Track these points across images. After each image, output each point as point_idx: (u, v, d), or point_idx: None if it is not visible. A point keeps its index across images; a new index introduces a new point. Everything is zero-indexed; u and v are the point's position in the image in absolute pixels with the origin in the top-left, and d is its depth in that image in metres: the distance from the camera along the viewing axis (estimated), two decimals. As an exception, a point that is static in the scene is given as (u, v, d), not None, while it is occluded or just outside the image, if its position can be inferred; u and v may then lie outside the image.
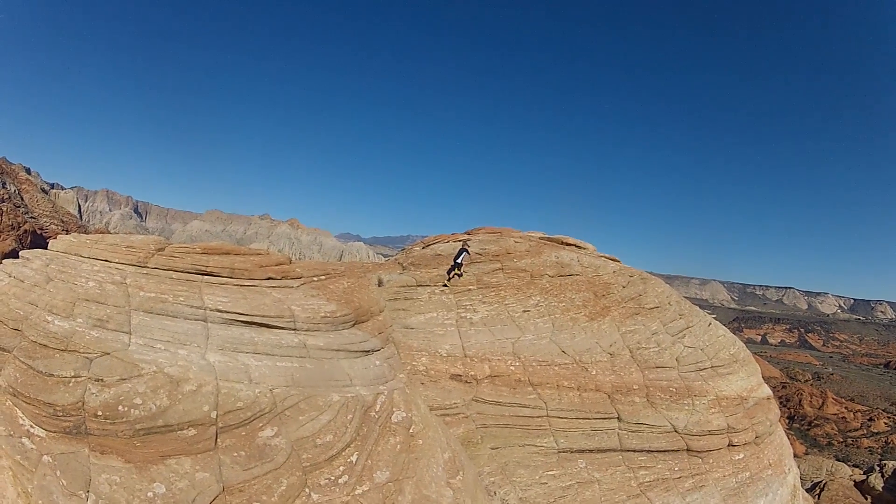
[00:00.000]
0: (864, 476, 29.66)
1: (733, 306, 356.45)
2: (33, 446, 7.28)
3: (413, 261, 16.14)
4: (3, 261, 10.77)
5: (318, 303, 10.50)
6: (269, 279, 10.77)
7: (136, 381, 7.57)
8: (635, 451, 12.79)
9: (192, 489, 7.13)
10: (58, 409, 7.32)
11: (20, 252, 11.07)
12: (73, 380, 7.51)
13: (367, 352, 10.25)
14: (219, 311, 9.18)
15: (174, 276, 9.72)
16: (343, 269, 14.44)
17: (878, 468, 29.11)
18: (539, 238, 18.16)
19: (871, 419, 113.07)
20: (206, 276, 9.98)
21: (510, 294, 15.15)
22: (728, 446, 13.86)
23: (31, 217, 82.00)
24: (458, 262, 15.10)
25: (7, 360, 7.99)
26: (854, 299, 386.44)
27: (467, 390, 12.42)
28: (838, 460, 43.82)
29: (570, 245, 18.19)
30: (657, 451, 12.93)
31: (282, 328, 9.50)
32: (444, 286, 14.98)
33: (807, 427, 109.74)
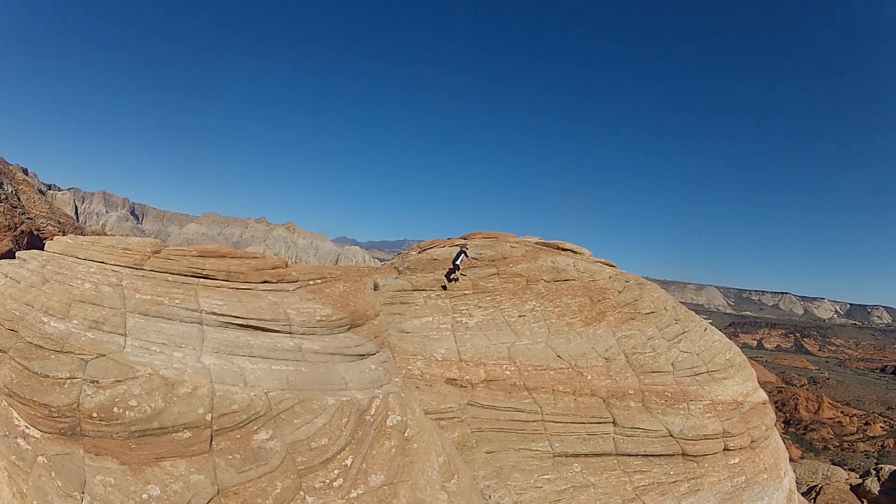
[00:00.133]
0: (860, 480, 29.72)
1: (729, 311, 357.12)
2: (29, 447, 7.28)
3: (409, 265, 16.15)
4: (0, 261, 10.78)
5: (313, 306, 10.54)
6: (265, 282, 10.82)
7: (131, 383, 7.58)
8: (630, 455, 12.83)
9: (186, 491, 7.14)
10: (53, 410, 7.33)
11: (17, 253, 11.09)
12: (68, 381, 7.52)
13: (363, 356, 10.28)
14: (214, 313, 9.21)
15: (170, 279, 9.76)
16: (339, 273, 14.46)
17: (874, 472, 29.22)
18: (535, 243, 18.21)
19: (867, 423, 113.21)
20: (202, 279, 10.02)
21: (506, 299, 15.18)
22: (724, 451, 13.89)
23: (28, 218, 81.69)
24: (457, 264, 15.13)
25: (3, 361, 7.99)
26: (850, 304, 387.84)
27: (463, 394, 12.44)
28: (834, 464, 43.84)
29: (567, 250, 18.25)
30: (652, 455, 12.96)
31: (277, 331, 9.54)
32: (444, 288, 14.99)
33: (803, 431, 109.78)
